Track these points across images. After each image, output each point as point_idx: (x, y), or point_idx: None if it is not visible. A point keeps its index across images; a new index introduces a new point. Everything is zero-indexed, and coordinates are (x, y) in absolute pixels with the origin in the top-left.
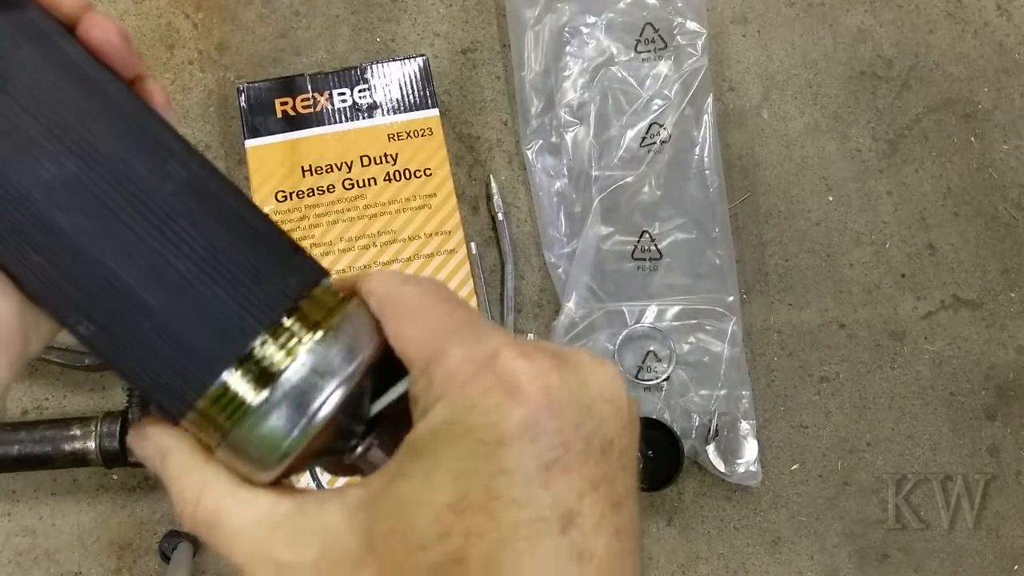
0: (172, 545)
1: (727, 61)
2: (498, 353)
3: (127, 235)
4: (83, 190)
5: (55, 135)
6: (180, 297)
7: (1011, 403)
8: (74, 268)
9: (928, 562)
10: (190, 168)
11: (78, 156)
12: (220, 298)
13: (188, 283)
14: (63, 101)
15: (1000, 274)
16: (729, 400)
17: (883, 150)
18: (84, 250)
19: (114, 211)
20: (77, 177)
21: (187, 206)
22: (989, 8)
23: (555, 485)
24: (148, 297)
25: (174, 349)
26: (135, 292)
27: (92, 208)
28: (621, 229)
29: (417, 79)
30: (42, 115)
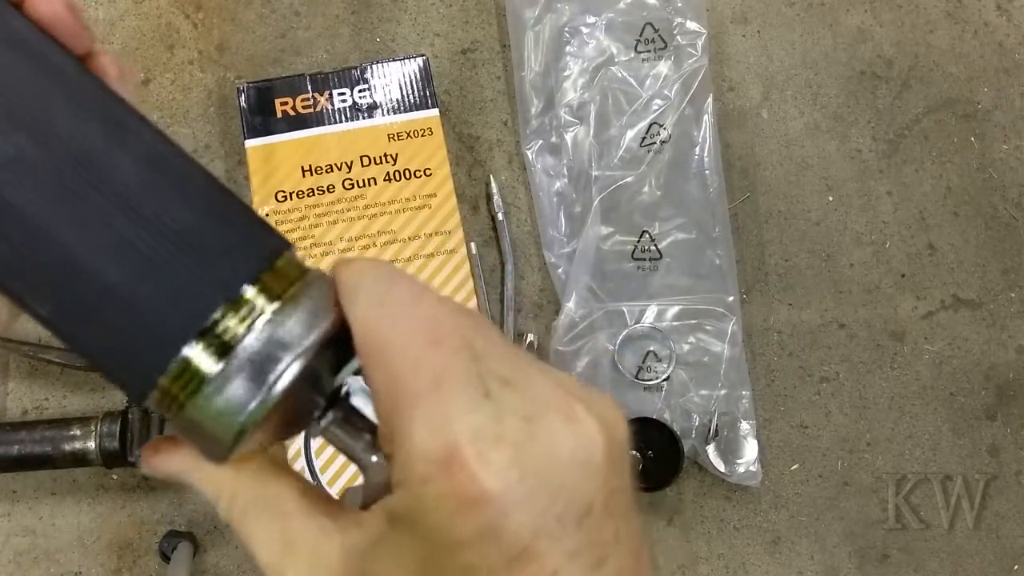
0: (172, 545)
1: (727, 61)
2: (457, 449)
3: (82, 211)
4: (35, 166)
5: (3, 111)
6: (139, 273)
7: (1011, 403)
8: (29, 247)
9: (928, 562)
10: (145, 142)
11: (28, 132)
12: (179, 272)
13: (146, 258)
14: (11, 77)
15: (1000, 274)
16: (729, 400)
17: (883, 150)
18: (39, 227)
19: (68, 187)
20: (28, 153)
21: (143, 180)
22: (989, 8)
23: (523, 573)
24: (106, 274)
25: (135, 326)
26: (92, 269)
27: (45, 185)
28: (621, 229)
29: (417, 79)
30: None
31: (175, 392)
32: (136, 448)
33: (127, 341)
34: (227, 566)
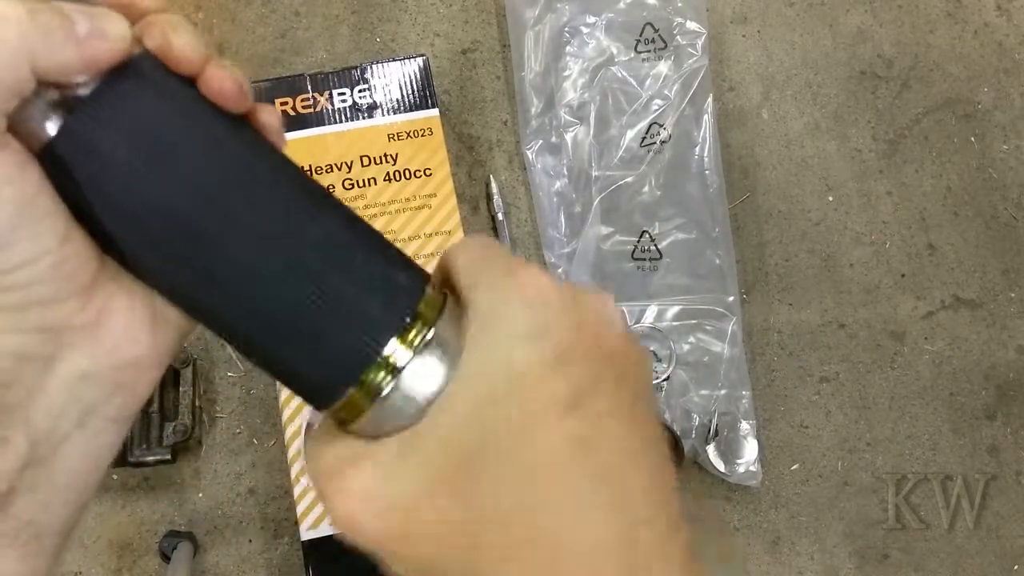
0: (172, 545)
1: (727, 61)
2: (517, 270)
3: (287, 258)
4: (248, 225)
5: (219, 178)
6: (330, 310)
7: (1011, 403)
8: (242, 289)
9: (928, 562)
10: (340, 210)
11: (240, 195)
12: (365, 301)
13: (339, 297)
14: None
15: (1000, 274)
16: (729, 400)
17: (883, 150)
18: (252, 273)
19: (272, 238)
20: (242, 215)
21: (330, 231)
22: (989, 8)
23: (565, 371)
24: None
25: (326, 352)
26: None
27: (256, 238)
28: (621, 229)
29: (417, 79)
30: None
31: (357, 400)
32: (136, 448)
33: (318, 364)
34: (227, 566)
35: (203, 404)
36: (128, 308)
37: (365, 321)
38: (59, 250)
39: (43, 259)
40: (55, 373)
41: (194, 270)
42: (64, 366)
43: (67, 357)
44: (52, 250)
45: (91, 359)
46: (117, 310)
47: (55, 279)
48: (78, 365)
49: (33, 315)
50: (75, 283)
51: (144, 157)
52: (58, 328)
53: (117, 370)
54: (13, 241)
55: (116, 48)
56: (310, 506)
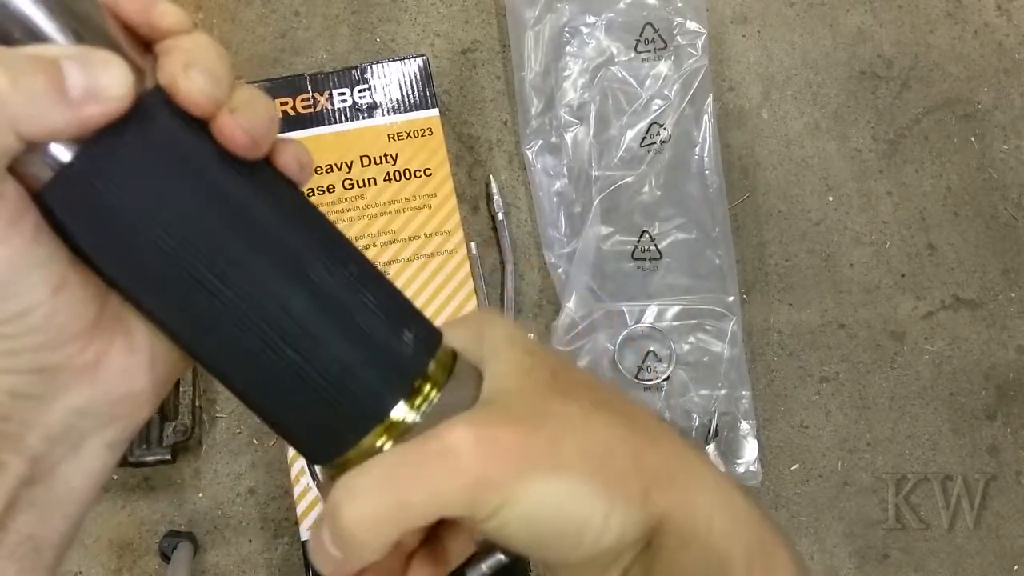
0: (172, 545)
1: (727, 61)
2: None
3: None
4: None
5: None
6: (353, 354)
7: (1011, 403)
8: (249, 332)
9: (928, 562)
10: (353, 261)
11: (234, 242)
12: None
13: (340, 363)
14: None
15: (1000, 274)
16: (729, 400)
17: (883, 150)
18: (278, 316)
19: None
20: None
21: (347, 272)
22: (989, 8)
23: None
24: (331, 350)
25: (338, 407)
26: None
27: (286, 280)
28: (621, 229)
29: (417, 79)
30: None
31: (354, 460)
32: (136, 448)
33: (324, 418)
34: (227, 566)
35: (203, 404)
36: (127, 349)
37: (372, 387)
38: (52, 301)
39: (36, 311)
40: (50, 409)
41: (191, 321)
42: (60, 403)
43: (62, 395)
44: (44, 302)
45: (87, 397)
46: (117, 351)
47: (49, 328)
48: (73, 402)
49: (28, 359)
50: (70, 330)
51: (141, 207)
52: (54, 370)
53: (113, 404)
54: (4, 296)
55: (112, 109)
56: (310, 506)
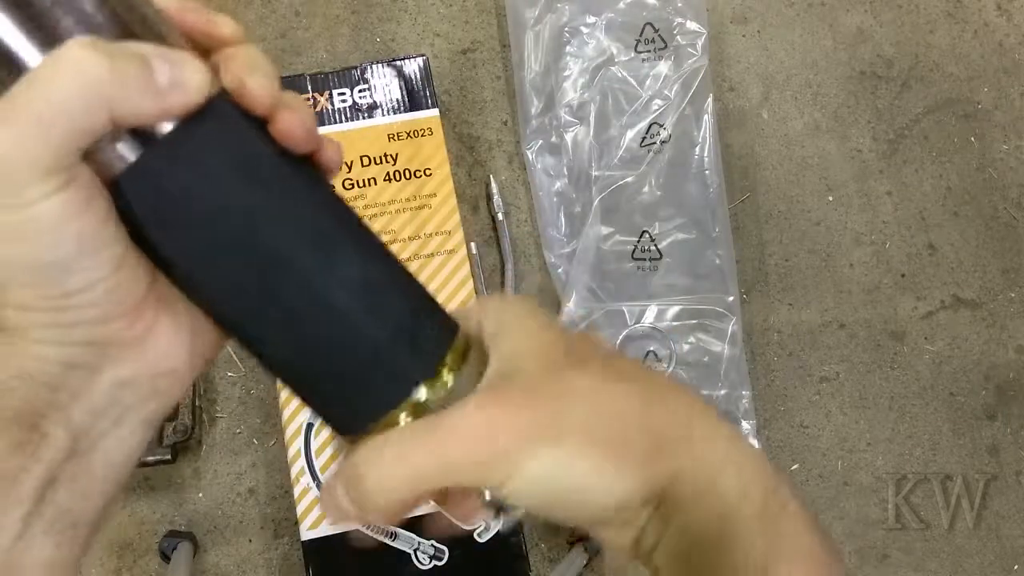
0: (172, 545)
1: (727, 61)
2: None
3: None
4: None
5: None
6: (382, 330)
7: (1011, 403)
8: (295, 309)
9: (928, 562)
10: (385, 254)
11: (290, 233)
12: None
13: (369, 338)
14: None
15: (1000, 274)
16: (729, 400)
17: (883, 150)
18: (317, 297)
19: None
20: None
21: (382, 262)
22: (989, 8)
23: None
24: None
25: (364, 384)
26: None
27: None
28: (621, 229)
29: (417, 79)
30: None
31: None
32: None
33: (355, 395)
34: (227, 566)
35: (203, 404)
36: (172, 326)
37: (398, 369)
38: (113, 277)
39: (98, 285)
40: (98, 380)
41: (244, 304)
42: (107, 375)
43: (111, 367)
44: (107, 277)
45: (133, 370)
46: (161, 328)
47: (107, 302)
48: (120, 374)
49: (84, 331)
50: (125, 305)
51: (211, 199)
52: (105, 343)
53: (155, 378)
54: (74, 270)
55: (194, 100)
56: (310, 506)
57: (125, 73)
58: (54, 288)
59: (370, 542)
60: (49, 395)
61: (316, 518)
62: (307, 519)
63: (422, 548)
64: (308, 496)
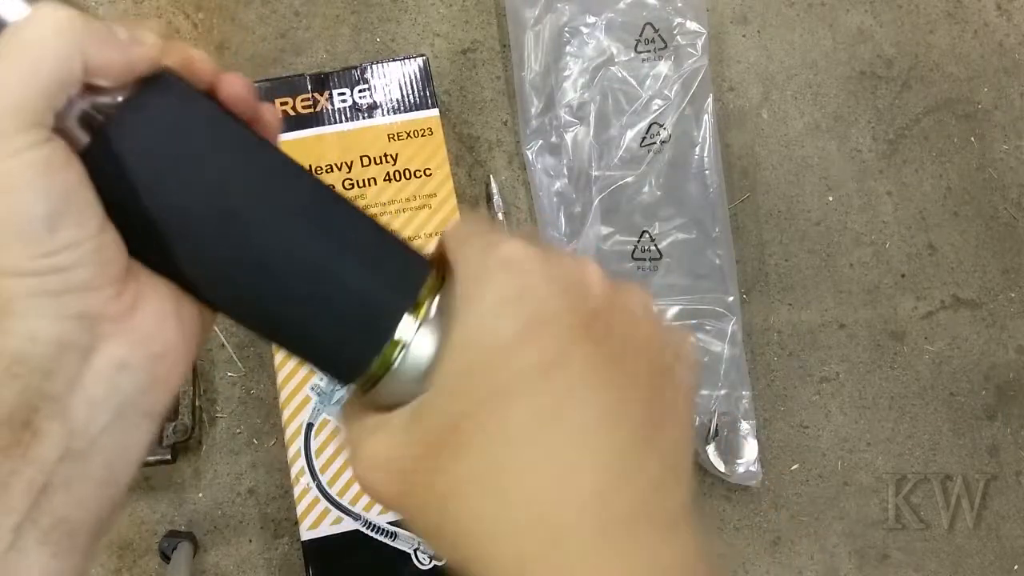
0: (172, 545)
1: (727, 61)
2: (499, 243)
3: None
4: (279, 210)
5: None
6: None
7: (1011, 403)
8: (269, 266)
9: (928, 562)
10: (346, 201)
11: (257, 185)
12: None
13: (360, 266)
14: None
15: (1000, 274)
16: (729, 400)
17: (883, 150)
18: (289, 249)
19: (308, 220)
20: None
21: (340, 207)
22: (989, 8)
23: (537, 340)
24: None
25: (352, 325)
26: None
27: (290, 219)
28: (621, 229)
29: (417, 79)
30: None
31: (373, 373)
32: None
33: (340, 345)
34: (227, 566)
35: (203, 404)
36: (156, 300)
37: (380, 303)
38: (98, 236)
39: (85, 243)
40: (93, 364)
41: (225, 263)
42: (101, 357)
43: (104, 348)
44: (93, 235)
45: (127, 349)
46: (147, 301)
47: (94, 263)
48: (115, 355)
49: (73, 301)
50: (111, 270)
51: (177, 158)
52: (95, 316)
53: (151, 361)
54: (60, 225)
55: (152, 54)
56: (310, 506)
57: (95, 26)
58: (42, 244)
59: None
60: (43, 383)
61: (316, 518)
62: (307, 519)
63: (422, 548)
64: (308, 496)
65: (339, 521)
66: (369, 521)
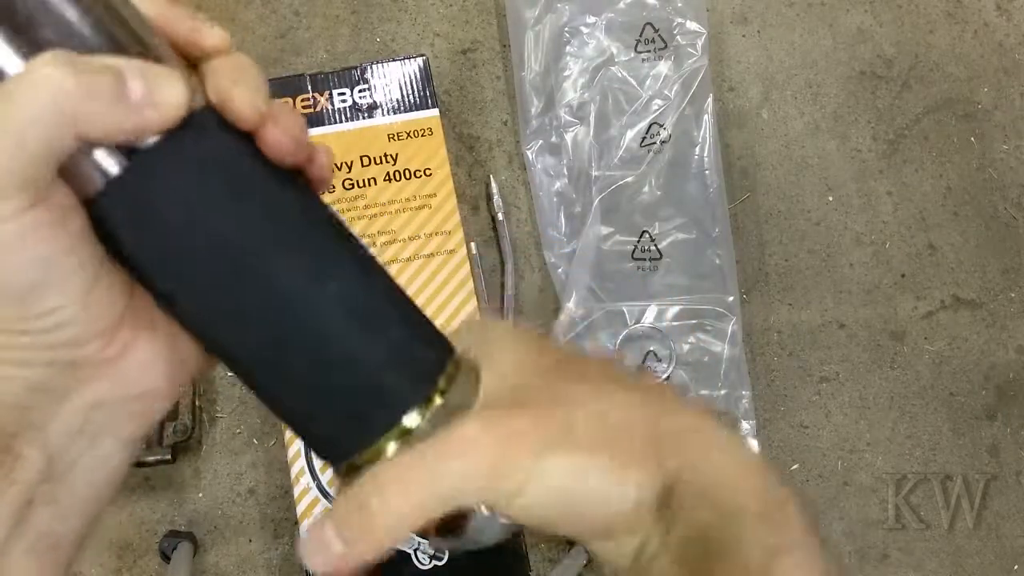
0: (172, 545)
1: (727, 61)
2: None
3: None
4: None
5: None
6: (373, 350)
7: (1011, 403)
8: (280, 331)
9: (928, 562)
10: (377, 270)
11: (279, 249)
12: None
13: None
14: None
15: (1000, 274)
16: (729, 400)
17: (883, 150)
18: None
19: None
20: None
21: (372, 280)
22: (989, 8)
23: (570, 366)
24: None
25: (357, 407)
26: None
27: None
28: (621, 229)
29: (417, 79)
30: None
31: (366, 461)
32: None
33: (344, 419)
34: (227, 566)
35: (203, 404)
36: (149, 348)
37: (390, 394)
38: (83, 300)
39: (70, 306)
40: (69, 402)
41: (229, 326)
42: (78, 397)
43: (82, 389)
44: (77, 300)
45: (105, 391)
46: (139, 348)
47: (80, 322)
48: (92, 396)
49: (51, 354)
50: (99, 325)
51: (191, 215)
52: (79, 364)
53: (129, 400)
54: (44, 293)
55: (170, 117)
56: (310, 506)
57: (94, 88)
58: (25, 309)
59: None
60: (19, 416)
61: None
62: (307, 519)
63: (422, 548)
64: (308, 496)
65: None
66: None
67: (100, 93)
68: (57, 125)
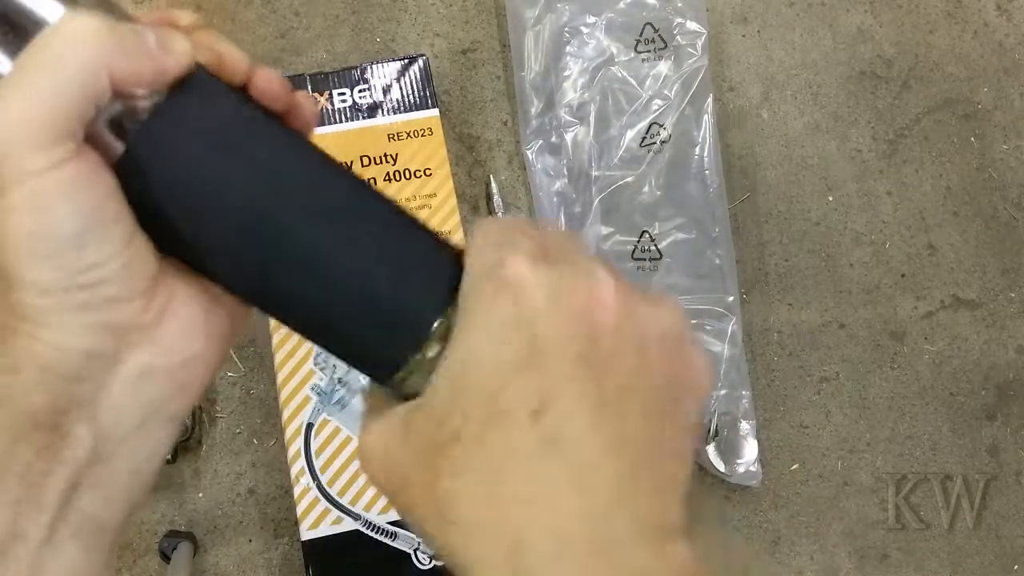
0: (172, 545)
1: (727, 61)
2: (507, 261)
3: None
4: (316, 211)
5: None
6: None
7: (1011, 403)
8: (313, 270)
9: (928, 562)
10: (381, 194)
11: (297, 178)
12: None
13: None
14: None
15: (1000, 274)
16: (729, 400)
17: (883, 150)
18: (328, 253)
19: (341, 221)
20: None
21: (377, 207)
22: (989, 8)
23: (534, 373)
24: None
25: (391, 317)
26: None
27: (325, 220)
28: (621, 229)
29: (417, 79)
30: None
31: (408, 373)
32: None
33: (379, 343)
34: (227, 566)
35: (203, 404)
36: (185, 310)
37: (409, 312)
38: (125, 252)
39: (112, 261)
40: (118, 372)
41: (260, 264)
42: (127, 365)
43: (130, 356)
44: (119, 252)
45: (151, 357)
46: (174, 312)
47: (121, 279)
48: (140, 363)
49: (100, 314)
50: (138, 284)
51: (216, 156)
52: (123, 327)
53: (173, 369)
54: (86, 244)
55: (183, 61)
56: (310, 506)
57: (122, 36)
58: (71, 263)
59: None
60: (71, 388)
61: (316, 518)
62: (307, 519)
63: (422, 548)
64: (308, 496)
65: (339, 521)
66: (369, 521)
67: (127, 41)
68: (95, 72)
